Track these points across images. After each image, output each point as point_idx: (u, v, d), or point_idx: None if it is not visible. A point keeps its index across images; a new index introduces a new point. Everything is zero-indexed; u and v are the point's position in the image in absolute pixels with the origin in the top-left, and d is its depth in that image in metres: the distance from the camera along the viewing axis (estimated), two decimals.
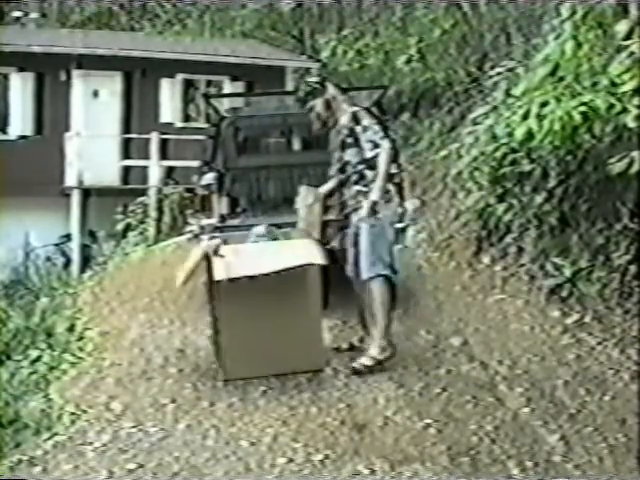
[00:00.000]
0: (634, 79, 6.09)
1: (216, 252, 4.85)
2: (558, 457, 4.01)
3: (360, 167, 4.97)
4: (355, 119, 4.95)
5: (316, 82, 5.17)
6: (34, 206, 14.26)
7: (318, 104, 5.05)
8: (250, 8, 19.11)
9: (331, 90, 5.09)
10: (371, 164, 4.90)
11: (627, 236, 6.61)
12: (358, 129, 4.93)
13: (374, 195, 4.87)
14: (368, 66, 15.58)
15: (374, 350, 4.98)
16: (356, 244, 4.99)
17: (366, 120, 4.95)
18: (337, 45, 16.57)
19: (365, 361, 4.98)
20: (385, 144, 4.87)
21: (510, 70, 9.31)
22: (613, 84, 6.45)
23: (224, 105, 8.08)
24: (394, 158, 5.17)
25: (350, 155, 5.01)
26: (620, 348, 5.61)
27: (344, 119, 5.01)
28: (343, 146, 5.03)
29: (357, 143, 4.95)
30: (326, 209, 5.14)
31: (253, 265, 4.78)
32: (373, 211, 4.85)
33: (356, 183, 5.00)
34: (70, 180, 15.56)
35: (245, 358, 4.88)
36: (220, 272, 4.75)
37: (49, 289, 10.11)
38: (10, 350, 6.86)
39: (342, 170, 5.07)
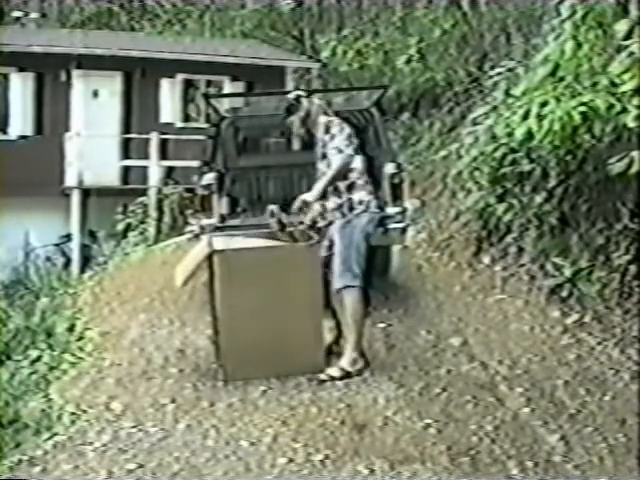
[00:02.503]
0: (634, 79, 6.09)
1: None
2: (558, 457, 4.02)
3: None
4: (326, 129, 5.02)
5: (293, 98, 5.21)
6: (34, 206, 14.24)
7: (295, 121, 5.15)
8: (250, 8, 19.10)
9: (305, 105, 5.13)
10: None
11: (627, 236, 6.62)
12: (326, 138, 5.01)
13: (308, 194, 4.95)
14: (368, 66, 15.58)
15: (344, 362, 4.93)
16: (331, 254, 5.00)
17: (335, 128, 4.98)
18: (337, 45, 16.57)
19: (333, 372, 4.91)
20: (347, 151, 4.90)
21: (510, 70, 9.31)
22: (613, 84, 6.46)
23: (224, 105, 8.06)
24: (363, 169, 5.09)
25: (323, 166, 5.07)
26: (620, 348, 5.61)
27: (319, 132, 5.08)
28: (322, 157, 5.10)
29: (326, 154, 5.03)
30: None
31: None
32: (300, 209, 4.93)
33: (333, 193, 5.00)
34: (70, 180, 15.54)
35: (245, 359, 4.88)
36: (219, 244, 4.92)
37: (49, 289, 10.10)
38: (10, 350, 6.85)
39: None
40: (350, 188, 4.96)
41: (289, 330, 4.75)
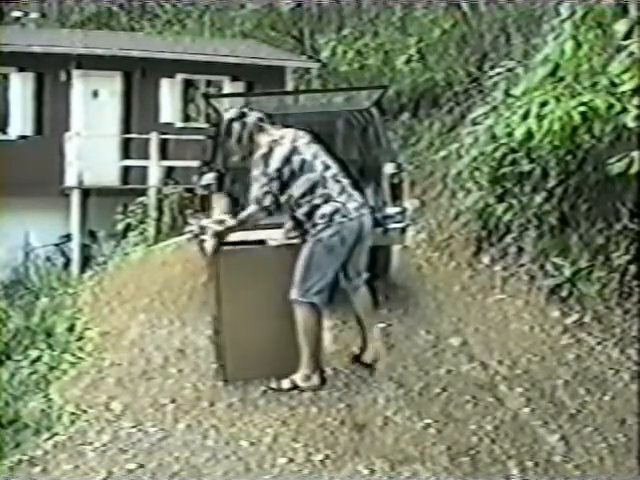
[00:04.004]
0: (633, 79, 6.09)
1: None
2: (558, 457, 4.01)
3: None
4: (270, 149, 4.68)
5: (228, 119, 4.79)
6: (34, 206, 14.24)
7: (232, 146, 4.82)
8: (250, 8, 19.11)
9: (237, 128, 4.72)
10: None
11: (627, 236, 6.61)
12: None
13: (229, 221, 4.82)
14: (368, 66, 15.58)
15: (297, 376, 4.73)
16: None
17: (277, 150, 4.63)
18: (337, 45, 16.57)
19: (284, 384, 4.74)
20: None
21: (510, 70, 9.31)
22: (613, 84, 6.45)
23: (224, 105, 8.05)
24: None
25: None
26: (620, 348, 5.61)
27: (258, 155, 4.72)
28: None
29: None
30: None
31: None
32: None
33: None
34: (70, 180, 15.54)
35: (246, 359, 4.87)
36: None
37: (49, 289, 10.10)
38: (10, 350, 6.86)
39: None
40: (311, 209, 4.62)
41: (289, 330, 4.74)
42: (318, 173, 4.66)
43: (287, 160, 4.61)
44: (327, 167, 4.72)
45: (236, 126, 4.74)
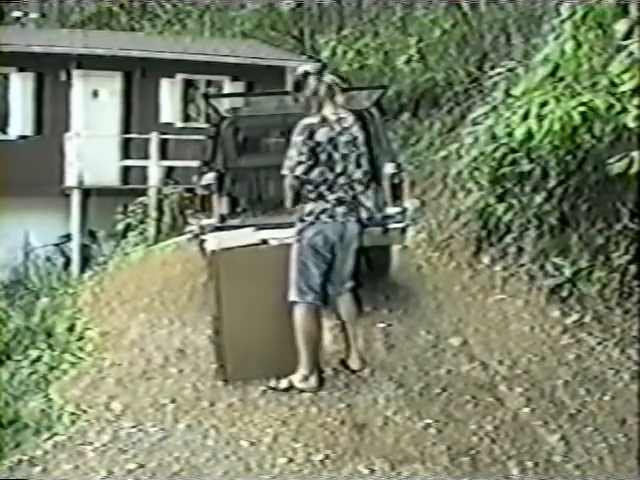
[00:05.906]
0: (634, 79, 6.08)
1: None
2: (558, 457, 4.01)
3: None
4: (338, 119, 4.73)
5: (300, 74, 4.73)
6: (34, 206, 14.25)
7: (301, 101, 4.75)
8: (250, 8, 19.11)
9: (312, 84, 4.66)
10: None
11: (627, 236, 6.61)
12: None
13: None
14: (368, 66, 15.56)
15: (295, 377, 4.77)
16: None
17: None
18: (337, 45, 16.54)
19: (281, 384, 4.79)
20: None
21: (510, 70, 9.30)
22: (613, 84, 6.45)
23: (224, 105, 8.06)
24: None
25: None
26: (620, 348, 5.61)
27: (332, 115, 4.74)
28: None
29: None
30: None
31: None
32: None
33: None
34: (70, 180, 15.56)
35: (246, 359, 4.88)
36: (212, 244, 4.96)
37: (49, 289, 10.09)
38: (10, 350, 6.85)
39: None
40: (306, 199, 4.72)
41: (289, 330, 4.74)
42: (332, 174, 4.68)
43: (327, 143, 4.63)
44: (343, 174, 4.71)
45: (312, 80, 4.67)
